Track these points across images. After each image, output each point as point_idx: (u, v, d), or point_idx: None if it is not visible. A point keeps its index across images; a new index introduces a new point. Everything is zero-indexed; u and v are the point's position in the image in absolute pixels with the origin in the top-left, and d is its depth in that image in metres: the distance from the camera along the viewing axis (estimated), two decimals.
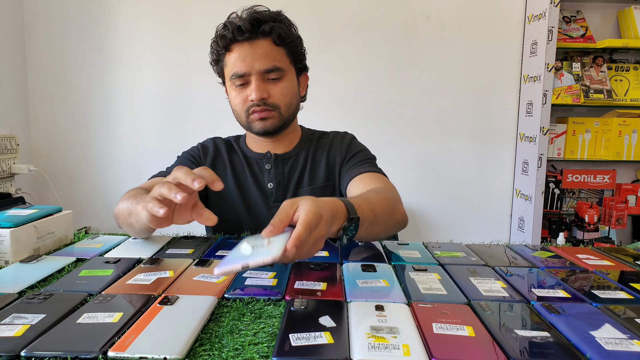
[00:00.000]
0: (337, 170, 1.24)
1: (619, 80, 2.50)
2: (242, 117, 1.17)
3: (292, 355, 0.51)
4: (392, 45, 2.56)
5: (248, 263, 0.59)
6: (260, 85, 1.12)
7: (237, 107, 1.16)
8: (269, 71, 1.12)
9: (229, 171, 1.24)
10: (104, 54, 2.57)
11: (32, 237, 0.87)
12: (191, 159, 1.25)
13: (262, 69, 1.11)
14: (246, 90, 1.13)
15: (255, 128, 1.17)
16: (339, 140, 1.28)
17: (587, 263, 0.87)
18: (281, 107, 1.15)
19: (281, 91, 1.14)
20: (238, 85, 1.14)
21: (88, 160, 2.64)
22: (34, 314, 0.60)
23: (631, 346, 0.54)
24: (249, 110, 1.14)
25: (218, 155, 1.27)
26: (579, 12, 2.51)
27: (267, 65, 1.11)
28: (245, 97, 1.14)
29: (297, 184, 1.22)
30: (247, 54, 1.11)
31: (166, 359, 0.51)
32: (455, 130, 2.63)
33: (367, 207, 0.86)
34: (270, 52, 1.12)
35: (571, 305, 0.66)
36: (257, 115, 1.14)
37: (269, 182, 1.22)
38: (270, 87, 1.13)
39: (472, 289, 0.72)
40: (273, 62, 1.12)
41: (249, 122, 1.16)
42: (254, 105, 1.13)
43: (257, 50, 1.11)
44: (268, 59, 1.11)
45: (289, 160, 1.24)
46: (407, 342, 0.54)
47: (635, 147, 2.47)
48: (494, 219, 2.69)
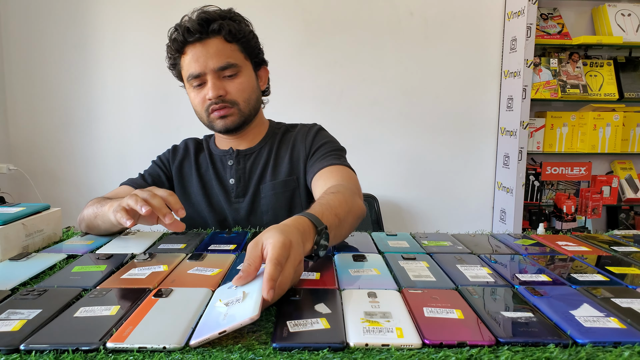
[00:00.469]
0: (301, 165, 1.23)
1: (594, 75, 2.56)
2: (203, 116, 1.18)
3: (291, 340, 0.52)
4: (377, 41, 2.59)
5: (225, 329, 0.53)
6: (216, 83, 1.13)
7: (198, 108, 1.18)
8: (224, 68, 1.12)
9: (194, 171, 1.26)
10: (86, 51, 2.53)
11: (20, 234, 0.87)
12: (160, 164, 1.29)
13: (216, 66, 1.12)
14: (204, 90, 1.14)
15: (217, 127, 1.18)
16: (304, 133, 1.27)
17: (566, 249, 0.90)
18: (239, 102, 1.16)
19: (238, 87, 1.15)
20: (196, 86, 1.15)
21: (71, 159, 2.61)
22: (30, 309, 0.60)
23: (608, 323, 0.57)
24: (209, 109, 1.15)
25: (186, 156, 1.29)
26: (555, 10, 2.57)
27: (221, 63, 1.12)
28: (203, 97, 1.15)
29: (259, 179, 1.23)
30: (200, 54, 1.11)
31: (165, 348, 0.52)
32: (439, 125, 2.67)
33: (330, 213, 0.84)
34: (223, 49, 1.13)
35: (552, 288, 0.69)
36: (217, 114, 1.15)
37: (230, 178, 1.23)
38: (227, 84, 1.14)
39: (459, 275, 0.74)
40: (226, 59, 1.12)
41: (210, 121, 1.18)
42: (213, 103, 1.14)
43: (209, 49, 1.12)
44: (221, 57, 1.12)
45: (251, 155, 1.25)
46: (400, 325, 0.56)
47: (609, 140, 2.55)
48: (477, 211, 2.74)
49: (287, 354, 0.51)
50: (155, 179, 1.26)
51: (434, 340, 0.52)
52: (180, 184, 1.27)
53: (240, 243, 0.93)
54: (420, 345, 0.52)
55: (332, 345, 0.52)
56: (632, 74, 2.59)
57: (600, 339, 0.53)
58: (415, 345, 0.52)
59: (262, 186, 1.22)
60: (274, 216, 1.20)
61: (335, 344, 0.52)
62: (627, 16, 2.52)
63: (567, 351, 0.51)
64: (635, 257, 0.85)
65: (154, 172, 1.27)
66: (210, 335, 0.52)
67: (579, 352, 0.51)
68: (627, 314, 0.59)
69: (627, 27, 2.51)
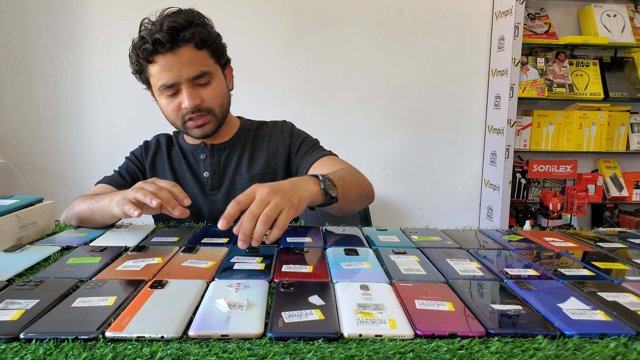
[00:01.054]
0: (279, 159, 1.26)
1: (580, 75, 2.61)
2: (178, 124, 1.18)
3: (287, 330, 0.54)
4: (366, 39, 2.60)
5: (228, 334, 0.54)
6: (192, 93, 1.12)
7: (171, 115, 1.17)
8: (197, 77, 1.11)
9: (167, 165, 1.27)
10: (74, 45, 2.51)
11: (14, 227, 0.86)
12: (134, 160, 1.30)
13: (190, 76, 1.10)
14: (178, 98, 1.13)
15: (193, 134, 1.19)
16: (279, 129, 1.31)
17: (553, 245, 0.92)
18: (215, 109, 1.17)
19: (212, 94, 1.15)
20: (168, 95, 1.13)
21: (59, 152, 2.59)
22: (28, 300, 0.60)
23: (594, 315, 0.59)
24: (184, 118, 1.15)
25: (158, 151, 1.30)
26: (542, 10, 2.61)
27: (195, 72, 1.10)
28: (177, 105, 1.14)
29: (234, 172, 1.24)
30: (172, 64, 1.09)
31: (163, 337, 0.53)
32: (427, 122, 2.69)
33: (334, 175, 0.94)
34: (195, 57, 1.11)
35: (540, 282, 0.70)
36: (193, 123, 1.15)
37: (205, 171, 1.25)
38: (202, 92, 1.14)
39: (449, 269, 0.76)
40: (200, 68, 1.11)
41: (186, 128, 1.18)
42: (189, 112, 1.13)
43: (182, 58, 1.09)
44: (195, 66, 1.10)
45: (226, 149, 1.26)
46: (392, 317, 0.57)
47: (595, 139, 2.59)
48: (464, 208, 2.77)
49: (283, 344, 0.52)
50: (133, 175, 1.26)
51: (426, 331, 0.54)
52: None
53: (233, 236, 0.94)
54: (413, 336, 0.54)
55: (327, 335, 0.53)
56: (617, 74, 2.64)
57: (587, 330, 0.55)
58: (407, 336, 0.54)
59: (237, 178, 1.24)
60: None
61: (330, 334, 0.53)
62: (612, 17, 2.57)
63: (555, 342, 0.53)
64: (620, 253, 0.88)
65: (130, 169, 1.28)
66: (212, 333, 0.53)
67: (567, 343, 0.53)
68: (613, 307, 0.61)
69: (613, 27, 2.55)
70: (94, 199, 1.01)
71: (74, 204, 1.08)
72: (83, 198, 1.07)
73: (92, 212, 1.00)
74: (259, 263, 0.77)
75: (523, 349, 0.52)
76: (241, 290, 0.64)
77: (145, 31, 1.09)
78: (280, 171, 1.27)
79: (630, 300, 0.64)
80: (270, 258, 0.80)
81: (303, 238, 0.93)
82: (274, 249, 0.85)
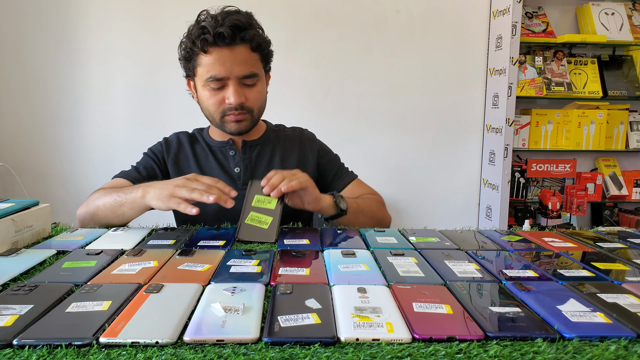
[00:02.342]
0: (309, 167, 1.31)
1: (578, 73, 2.60)
2: (216, 117, 1.20)
3: (283, 335, 0.53)
4: (363, 39, 2.59)
5: (224, 339, 0.53)
6: (239, 90, 1.15)
7: (211, 108, 1.19)
8: (247, 77, 1.15)
9: (192, 162, 1.28)
10: (71, 46, 2.50)
11: (10, 230, 0.86)
12: (153, 156, 1.29)
13: (240, 74, 1.14)
14: (222, 93, 1.16)
15: (229, 129, 1.21)
16: (306, 137, 1.37)
17: (552, 245, 0.92)
18: (255, 110, 1.20)
19: (256, 96, 1.19)
20: (213, 88, 1.16)
21: (56, 155, 2.58)
22: (22, 305, 0.60)
23: (594, 318, 0.58)
24: (225, 112, 1.18)
25: (180, 149, 1.30)
26: (540, 8, 2.60)
27: (246, 72, 1.14)
28: (221, 99, 1.16)
29: (266, 168, 1.26)
30: (226, 59, 1.12)
31: (158, 343, 0.52)
32: (425, 122, 2.69)
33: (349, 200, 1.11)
34: (249, 58, 1.15)
35: (539, 284, 0.70)
36: (233, 118, 1.18)
37: (235, 166, 1.26)
38: (247, 92, 1.17)
39: (447, 271, 0.75)
40: (251, 69, 1.15)
41: (223, 122, 1.20)
42: (232, 109, 1.16)
43: (237, 56, 1.13)
44: (247, 65, 1.14)
45: (257, 147, 1.29)
46: (390, 320, 0.57)
47: (594, 138, 2.59)
48: (463, 207, 2.77)
49: (279, 349, 0.51)
50: (150, 172, 1.26)
51: (424, 335, 0.53)
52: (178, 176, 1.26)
53: (229, 239, 0.94)
54: (410, 340, 0.53)
55: (323, 339, 0.52)
56: (616, 72, 2.63)
57: (586, 333, 0.55)
58: (405, 340, 0.53)
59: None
60: None
61: (327, 338, 0.53)
62: (610, 15, 2.56)
63: (554, 345, 0.53)
64: (620, 253, 0.87)
65: (149, 166, 1.27)
66: (207, 338, 0.53)
67: (567, 347, 0.52)
68: (613, 309, 0.61)
69: (611, 25, 2.55)
70: (120, 191, 1.04)
71: (93, 197, 1.10)
72: (104, 191, 1.09)
73: (120, 204, 1.03)
74: (255, 266, 0.76)
75: (522, 352, 0.51)
76: (237, 294, 0.64)
77: (207, 22, 1.12)
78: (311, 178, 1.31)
79: (630, 301, 0.64)
80: (267, 261, 0.79)
81: (300, 240, 0.93)
82: (272, 252, 0.85)
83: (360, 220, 1.14)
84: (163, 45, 2.52)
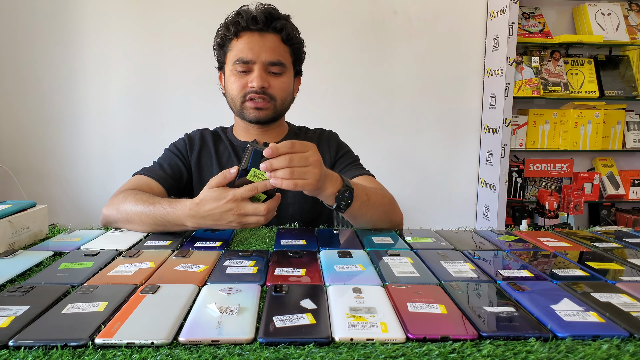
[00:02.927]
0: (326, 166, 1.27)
1: (575, 73, 2.61)
2: (237, 102, 1.20)
3: (277, 335, 0.53)
4: (361, 39, 2.60)
5: (219, 340, 0.53)
6: (263, 75, 1.17)
7: (234, 92, 1.19)
8: (273, 64, 1.17)
9: (215, 161, 1.27)
10: (69, 48, 2.50)
11: (7, 232, 0.86)
12: (177, 153, 1.28)
13: (267, 60, 1.16)
14: (247, 77, 1.18)
15: (248, 116, 1.20)
16: (326, 137, 1.35)
17: (548, 245, 0.92)
18: (277, 99, 1.20)
19: (281, 85, 1.20)
20: (239, 71, 1.17)
21: (54, 156, 2.58)
22: (18, 306, 0.60)
23: (587, 317, 0.59)
24: (246, 96, 1.18)
25: (204, 146, 1.29)
26: (537, 9, 2.61)
27: (273, 58, 1.16)
28: (244, 83, 1.18)
29: None
30: (255, 43, 1.16)
31: (153, 343, 0.52)
32: (423, 122, 2.69)
33: (362, 190, 0.99)
34: (278, 47, 1.18)
35: (534, 283, 0.70)
36: (253, 104, 1.18)
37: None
38: (271, 79, 1.19)
39: (442, 271, 0.76)
40: (278, 57, 1.17)
41: (243, 108, 1.20)
42: (253, 92, 1.17)
43: (266, 42, 1.16)
44: (275, 53, 1.17)
45: None
46: (384, 320, 0.57)
47: (590, 137, 2.60)
48: (460, 207, 2.77)
49: (274, 349, 0.52)
50: (175, 169, 1.24)
51: (418, 335, 0.54)
52: (199, 174, 1.27)
53: (226, 239, 0.94)
54: (404, 340, 0.54)
55: (318, 340, 0.53)
56: (613, 72, 2.64)
57: (579, 332, 0.55)
58: (399, 340, 0.53)
59: None
60: (299, 208, 1.24)
61: (321, 338, 0.53)
62: (607, 15, 2.57)
63: (547, 345, 0.53)
64: (616, 253, 0.88)
65: (173, 163, 1.25)
66: (202, 339, 0.53)
67: (559, 346, 0.53)
68: (606, 309, 0.61)
69: (607, 26, 2.56)
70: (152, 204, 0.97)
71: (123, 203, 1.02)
72: (134, 198, 1.01)
73: (162, 216, 0.95)
74: (251, 267, 0.76)
75: (515, 352, 0.51)
76: (233, 295, 0.64)
77: (243, 10, 1.17)
78: None
79: (624, 300, 0.64)
80: (263, 261, 0.79)
81: (297, 241, 0.93)
82: (268, 252, 0.85)
83: (369, 215, 1.03)
84: (160, 48, 2.53)
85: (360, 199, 0.98)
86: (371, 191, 1.03)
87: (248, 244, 0.93)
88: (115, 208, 1.03)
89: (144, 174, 1.18)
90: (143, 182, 1.15)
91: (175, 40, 2.52)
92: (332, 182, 0.94)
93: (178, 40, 2.51)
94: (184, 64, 2.54)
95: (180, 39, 2.51)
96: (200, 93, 2.55)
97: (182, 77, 2.55)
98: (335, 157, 1.32)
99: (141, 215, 0.98)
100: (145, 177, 1.17)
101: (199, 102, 2.56)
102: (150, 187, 1.14)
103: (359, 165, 1.32)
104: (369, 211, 1.02)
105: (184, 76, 2.55)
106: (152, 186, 1.15)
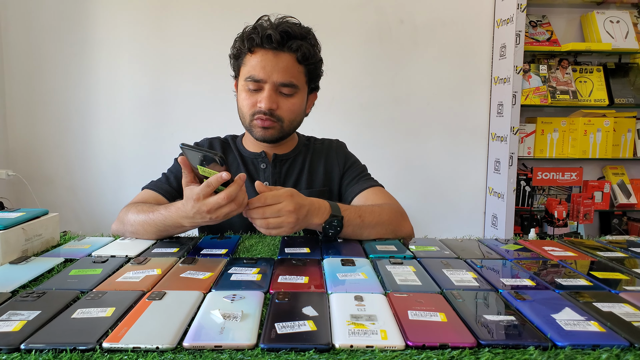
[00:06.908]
0: (335, 178, 1.30)
1: (584, 81, 2.60)
2: (246, 119, 1.20)
3: (278, 342, 0.55)
4: (367, 48, 2.62)
5: (222, 345, 0.54)
6: (272, 96, 1.15)
7: (244, 109, 1.20)
8: (284, 85, 1.15)
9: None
10: (82, 57, 2.55)
11: (20, 239, 0.88)
12: None
13: (278, 81, 1.14)
14: (257, 96, 1.17)
15: (255, 134, 1.21)
16: (334, 148, 1.35)
17: (552, 254, 0.93)
18: (285, 121, 1.19)
19: (290, 107, 1.19)
20: (250, 89, 1.17)
21: (67, 164, 2.62)
22: (30, 311, 0.62)
23: (588, 326, 0.59)
24: (254, 116, 1.18)
25: None
26: (544, 17, 2.61)
27: (284, 80, 1.14)
28: (254, 102, 1.17)
29: (294, 185, 1.26)
30: (268, 63, 1.13)
31: (158, 348, 0.54)
32: (430, 130, 2.70)
33: (354, 213, 1.00)
34: (291, 68, 1.15)
35: (535, 292, 0.71)
36: (260, 123, 1.18)
37: (265, 180, 1.25)
38: (281, 100, 1.17)
39: (445, 279, 0.76)
40: (290, 78, 1.15)
41: (251, 126, 1.20)
42: (261, 112, 1.16)
43: (280, 62, 1.14)
44: (287, 74, 1.15)
45: (287, 161, 1.28)
46: (384, 327, 0.58)
47: (600, 146, 2.58)
48: (468, 216, 2.77)
49: (275, 355, 0.53)
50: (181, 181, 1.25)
51: (417, 342, 0.55)
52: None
53: (231, 247, 0.95)
54: (404, 347, 0.54)
55: (318, 346, 0.54)
56: (622, 79, 2.63)
57: (579, 341, 0.55)
58: (398, 347, 0.54)
59: None
60: None
61: (321, 345, 0.54)
62: (615, 23, 2.57)
63: (546, 353, 0.54)
64: (620, 263, 0.88)
65: (180, 175, 1.24)
66: (205, 344, 0.54)
67: (558, 355, 0.53)
68: (608, 318, 0.61)
69: (616, 33, 2.55)
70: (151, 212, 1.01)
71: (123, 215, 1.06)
72: (136, 210, 1.05)
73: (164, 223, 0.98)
74: (255, 274, 0.78)
75: None
76: (237, 301, 0.65)
77: (260, 24, 1.15)
78: (335, 191, 1.30)
79: (626, 310, 0.64)
80: (267, 269, 0.81)
81: (301, 249, 0.94)
82: (272, 260, 0.86)
83: (366, 234, 1.04)
84: (171, 55, 2.57)
85: (352, 223, 1.00)
86: (366, 212, 1.04)
87: (253, 252, 0.95)
88: (121, 222, 1.07)
89: (150, 188, 1.22)
90: (150, 196, 1.18)
91: (184, 50, 2.55)
92: (319, 214, 0.97)
93: (188, 50, 2.55)
94: (194, 73, 2.57)
95: (190, 49, 2.55)
96: (210, 101, 2.58)
97: (192, 86, 2.59)
98: (344, 168, 1.32)
99: (144, 225, 1.01)
100: (152, 192, 1.20)
101: (208, 111, 2.59)
102: (157, 201, 1.16)
103: (366, 176, 1.32)
104: (365, 231, 1.03)
105: (194, 85, 2.58)
106: (158, 200, 1.17)
